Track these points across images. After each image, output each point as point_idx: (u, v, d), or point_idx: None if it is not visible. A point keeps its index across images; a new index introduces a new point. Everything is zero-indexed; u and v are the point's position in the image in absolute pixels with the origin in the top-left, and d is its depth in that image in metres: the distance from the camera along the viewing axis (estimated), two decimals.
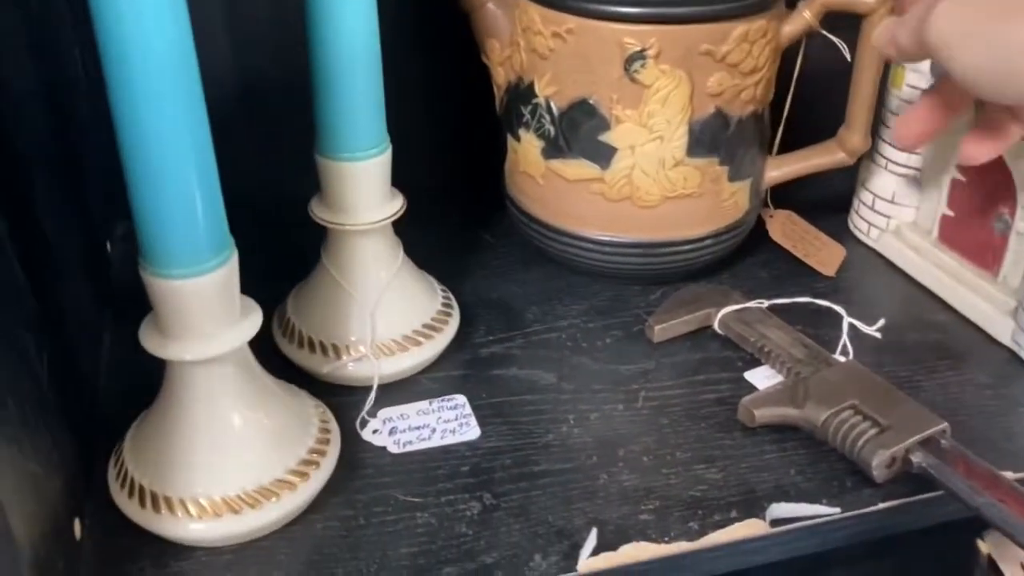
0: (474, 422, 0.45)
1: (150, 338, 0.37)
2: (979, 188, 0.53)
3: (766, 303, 0.52)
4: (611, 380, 0.48)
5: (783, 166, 0.56)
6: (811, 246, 0.59)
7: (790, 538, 0.40)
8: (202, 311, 0.36)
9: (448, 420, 0.45)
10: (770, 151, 0.56)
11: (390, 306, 0.47)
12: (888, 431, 0.41)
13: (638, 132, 0.49)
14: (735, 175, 0.52)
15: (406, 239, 0.49)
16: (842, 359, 0.48)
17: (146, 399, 0.40)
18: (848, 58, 0.52)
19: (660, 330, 0.51)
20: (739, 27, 0.47)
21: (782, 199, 0.61)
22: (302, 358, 0.47)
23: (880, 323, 0.52)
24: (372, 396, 0.45)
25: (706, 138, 0.50)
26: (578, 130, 0.50)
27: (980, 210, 0.53)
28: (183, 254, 0.35)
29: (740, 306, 0.51)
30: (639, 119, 0.49)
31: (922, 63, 0.53)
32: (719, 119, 0.50)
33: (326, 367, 0.46)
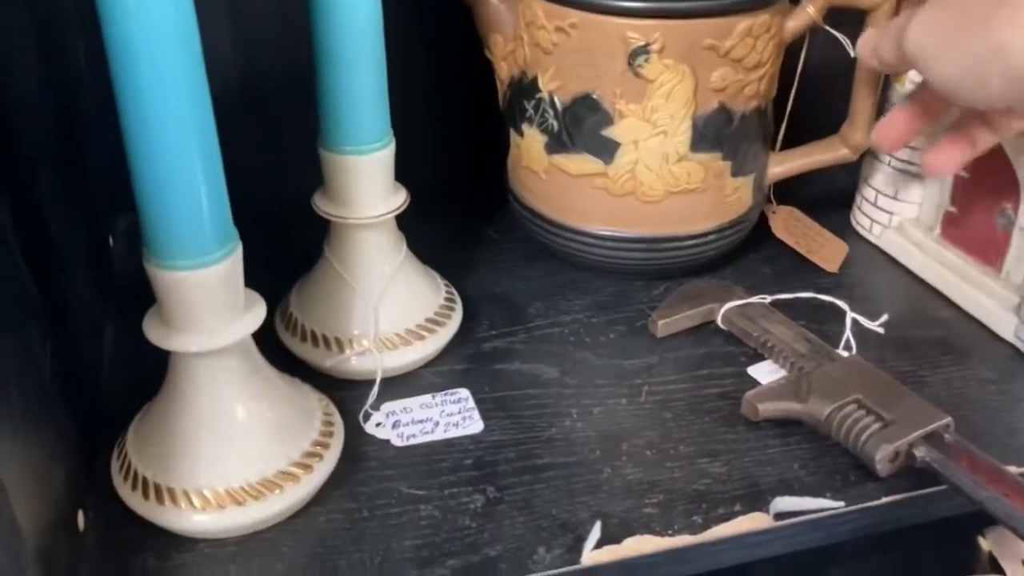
0: (477, 416, 0.45)
1: (154, 330, 0.37)
2: (982, 184, 0.53)
3: (769, 299, 0.52)
4: (614, 375, 0.48)
5: (786, 162, 0.56)
6: (814, 242, 0.59)
7: (794, 532, 0.40)
8: (206, 303, 0.36)
9: (451, 414, 0.45)
10: (773, 147, 0.56)
11: (393, 300, 0.47)
12: (892, 425, 0.41)
13: (641, 127, 0.49)
14: (738, 170, 0.52)
15: (409, 234, 0.49)
16: (845, 354, 0.48)
17: (148, 392, 0.40)
18: (851, 54, 0.52)
19: (663, 325, 0.51)
20: (743, 22, 0.47)
21: (785, 195, 0.61)
22: (305, 352, 0.47)
23: (883, 318, 0.52)
24: (375, 390, 0.45)
25: (709, 133, 0.50)
26: (581, 125, 0.50)
27: (983, 206, 0.53)
28: (188, 245, 0.35)
29: (743, 301, 0.51)
30: (643, 114, 0.49)
31: None
32: (723, 114, 0.50)
33: (329, 361, 0.46)
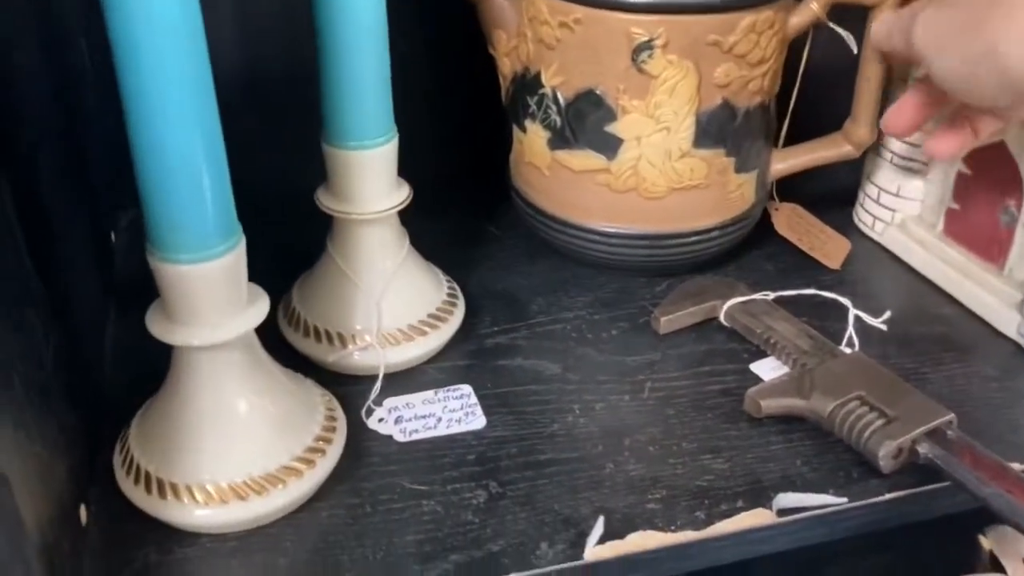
0: (480, 411, 0.45)
1: (157, 324, 0.37)
2: (985, 181, 0.53)
3: (772, 295, 0.52)
4: (617, 371, 0.48)
5: (789, 158, 0.56)
6: (816, 239, 0.59)
7: (797, 528, 0.40)
8: (209, 297, 0.36)
9: (454, 409, 0.45)
10: (776, 143, 0.56)
11: (396, 296, 0.47)
12: (895, 422, 0.41)
13: (645, 123, 0.49)
14: (741, 167, 0.52)
15: (411, 230, 0.49)
16: (848, 351, 0.48)
17: (151, 387, 0.40)
18: (855, 51, 0.52)
19: (666, 321, 0.51)
20: (746, 18, 0.47)
21: (788, 192, 0.61)
22: (307, 347, 0.47)
23: (886, 315, 0.52)
24: (378, 385, 0.45)
25: (713, 129, 0.50)
26: (584, 121, 0.50)
27: (985, 203, 0.53)
28: (191, 239, 0.34)
29: (746, 298, 0.51)
30: (646, 110, 0.49)
31: None
32: (726, 110, 0.50)
33: (332, 356, 0.46)
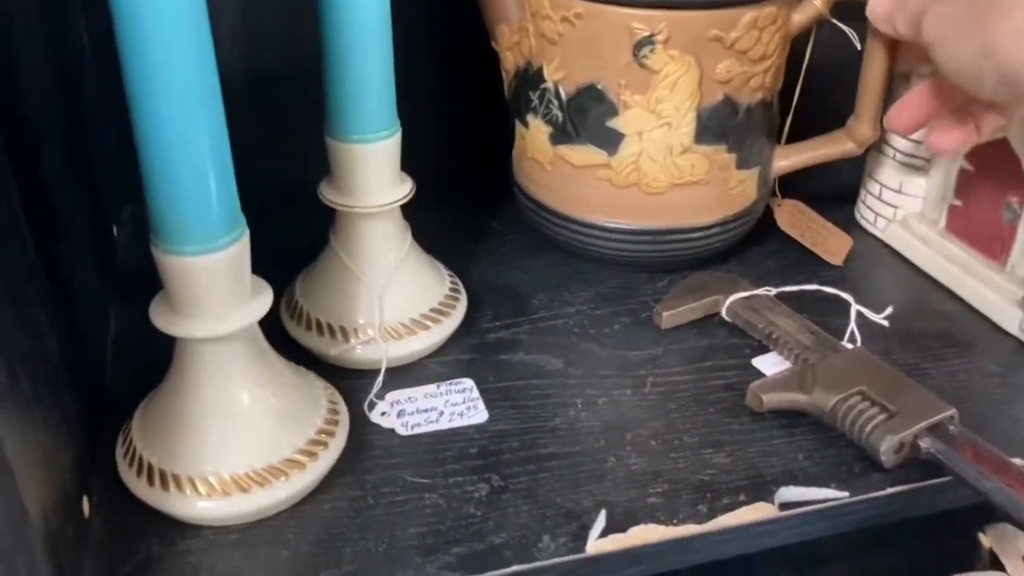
0: (482, 405, 0.45)
1: (161, 316, 0.37)
2: (987, 177, 0.53)
3: (774, 291, 0.52)
4: (618, 366, 0.48)
5: (791, 155, 0.56)
6: (818, 235, 0.59)
7: (799, 522, 0.40)
8: (213, 289, 0.36)
9: (456, 403, 0.45)
10: (779, 140, 0.56)
11: (398, 290, 0.47)
12: (896, 417, 0.41)
13: (646, 118, 0.49)
14: (743, 163, 0.52)
15: (414, 225, 0.49)
16: (850, 346, 0.48)
17: (153, 379, 0.40)
18: (858, 47, 0.52)
19: (668, 317, 0.51)
20: (749, 13, 0.47)
21: (790, 189, 0.61)
22: (310, 341, 0.47)
23: (888, 311, 0.52)
24: (380, 379, 0.45)
25: (714, 125, 0.50)
26: (586, 116, 0.50)
27: (988, 200, 0.53)
28: (195, 231, 0.35)
29: (748, 293, 0.51)
30: (647, 105, 0.49)
31: None
32: (727, 106, 0.50)
33: (334, 350, 0.46)
